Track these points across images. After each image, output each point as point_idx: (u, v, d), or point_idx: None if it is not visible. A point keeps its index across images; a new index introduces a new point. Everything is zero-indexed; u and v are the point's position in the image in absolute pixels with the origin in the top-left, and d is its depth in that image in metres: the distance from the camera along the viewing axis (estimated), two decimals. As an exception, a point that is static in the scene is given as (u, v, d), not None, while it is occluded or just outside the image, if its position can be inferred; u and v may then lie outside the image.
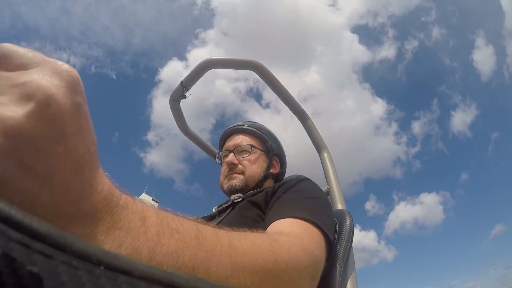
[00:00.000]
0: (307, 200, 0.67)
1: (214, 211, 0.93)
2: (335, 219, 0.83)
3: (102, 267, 0.15)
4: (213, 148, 1.64)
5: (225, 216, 0.83)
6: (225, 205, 0.89)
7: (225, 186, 0.96)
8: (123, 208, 0.24)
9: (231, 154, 1.01)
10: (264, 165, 1.02)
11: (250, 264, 0.33)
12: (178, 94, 1.45)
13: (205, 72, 1.41)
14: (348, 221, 0.83)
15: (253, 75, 1.38)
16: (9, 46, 0.21)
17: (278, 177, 1.07)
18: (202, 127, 32.42)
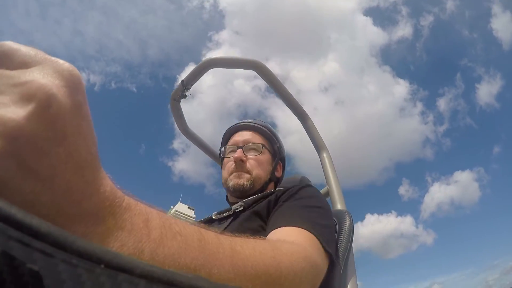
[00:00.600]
0: (308, 209, 0.67)
1: (213, 217, 0.89)
2: (335, 219, 0.83)
3: (102, 266, 0.15)
4: (213, 149, 1.64)
5: (227, 226, 0.79)
6: (226, 214, 0.85)
7: (231, 183, 0.92)
8: (126, 209, 0.24)
9: (240, 150, 0.95)
10: (270, 168, 0.99)
11: (252, 269, 0.33)
12: (179, 94, 1.44)
13: (206, 71, 1.41)
14: (348, 222, 0.83)
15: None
16: (11, 44, 0.21)
17: (279, 181, 1.05)
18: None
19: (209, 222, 0.87)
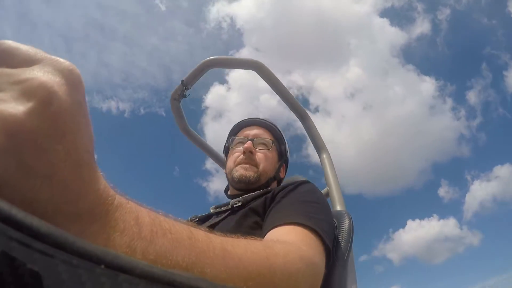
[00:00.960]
0: (306, 204, 0.66)
1: (211, 211, 0.88)
2: (334, 220, 0.83)
3: (102, 266, 0.15)
4: (213, 149, 1.65)
5: (222, 219, 0.79)
6: (224, 208, 0.84)
7: (236, 174, 0.90)
8: (118, 207, 0.24)
9: (250, 142, 0.94)
10: (276, 165, 0.99)
11: (244, 270, 0.32)
12: (179, 93, 1.45)
13: (206, 71, 1.42)
14: (347, 223, 0.83)
15: (295, 83, 1.37)
16: (11, 43, 0.21)
17: (281, 182, 1.04)
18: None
19: (207, 217, 0.86)
